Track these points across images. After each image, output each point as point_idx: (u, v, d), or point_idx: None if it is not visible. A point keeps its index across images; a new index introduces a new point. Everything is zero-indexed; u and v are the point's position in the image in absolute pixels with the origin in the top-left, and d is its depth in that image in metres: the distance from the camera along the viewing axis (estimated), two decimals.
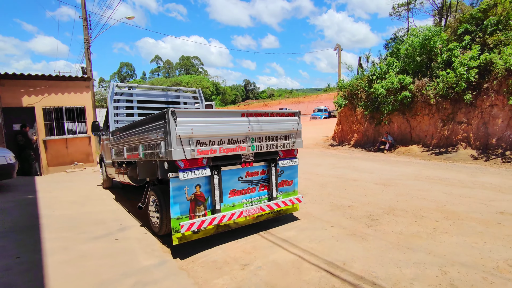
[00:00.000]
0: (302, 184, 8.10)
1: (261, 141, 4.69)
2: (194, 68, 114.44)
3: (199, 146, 4.05)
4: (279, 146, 4.92)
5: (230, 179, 4.55)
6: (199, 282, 3.36)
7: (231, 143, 4.35)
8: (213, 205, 4.33)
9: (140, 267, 3.75)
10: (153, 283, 3.35)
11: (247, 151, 4.52)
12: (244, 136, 4.48)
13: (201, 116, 4.08)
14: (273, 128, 4.78)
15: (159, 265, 3.83)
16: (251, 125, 4.53)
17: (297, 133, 5.12)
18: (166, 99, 7.60)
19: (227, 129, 4.27)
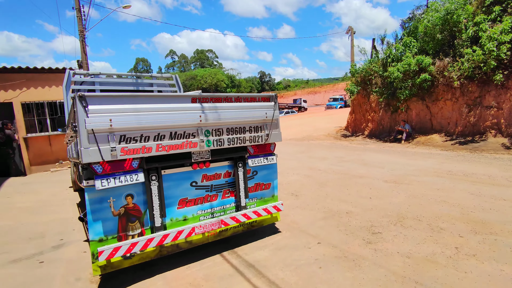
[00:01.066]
0: (298, 183, 6.94)
1: (220, 134, 3.58)
2: (209, 62, 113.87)
3: (125, 143, 2.99)
4: (248, 140, 3.79)
5: (178, 185, 3.47)
6: None
7: (175, 138, 3.26)
8: (153, 221, 3.28)
9: None
10: None
11: (200, 148, 3.43)
12: (195, 128, 3.38)
13: (127, 103, 3.01)
14: (238, 117, 3.65)
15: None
16: (204, 113, 3.42)
17: (272, 123, 3.96)
18: (136, 88, 6.61)
19: (168, 119, 3.18)
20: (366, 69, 15.59)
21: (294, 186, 6.73)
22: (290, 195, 6.08)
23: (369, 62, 15.88)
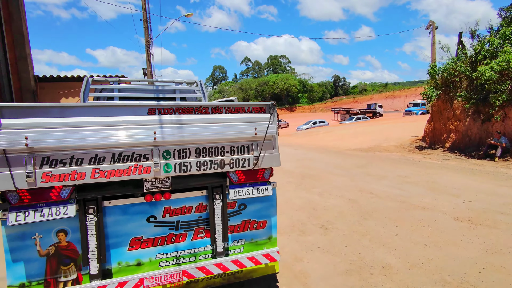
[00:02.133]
0: (336, 210, 5.63)
1: (186, 156, 2.70)
2: (281, 67, 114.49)
3: (48, 167, 2.34)
4: (229, 165, 2.83)
5: (129, 220, 2.70)
6: None
7: (119, 161, 2.50)
8: (88, 267, 2.56)
9: None
10: None
11: (155, 174, 2.60)
12: (149, 148, 2.57)
13: (53, 115, 2.36)
14: (213, 134, 2.73)
15: None
16: (162, 129, 2.58)
17: (265, 141, 2.92)
18: (157, 95, 6.17)
19: (108, 137, 2.44)
20: (449, 69, 12.95)
21: (329, 214, 5.45)
22: (319, 227, 4.86)
23: (452, 60, 13.17)
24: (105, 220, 2.61)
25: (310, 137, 24.51)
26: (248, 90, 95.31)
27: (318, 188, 7.40)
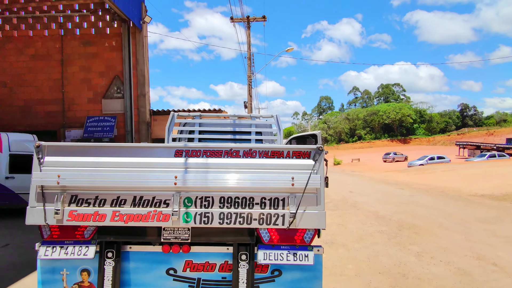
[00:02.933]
0: (437, 280, 4.29)
1: (209, 205, 2.37)
2: (394, 96, 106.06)
3: (75, 206, 2.37)
4: (257, 220, 2.35)
5: (147, 269, 2.49)
6: None
7: (139, 205, 2.36)
8: None
9: None
10: None
11: (173, 224, 2.35)
12: (169, 193, 2.36)
13: (84, 154, 2.41)
14: (241, 181, 2.34)
15: None
16: (186, 173, 2.35)
17: (304, 194, 2.34)
18: (233, 129, 6.19)
19: (129, 179, 2.34)
20: None
21: (424, 287, 4.17)
22: None
23: None
24: (123, 266, 2.46)
25: (423, 175, 21.13)
26: (355, 120, 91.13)
27: (417, 246, 5.96)
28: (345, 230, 7.29)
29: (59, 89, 10.53)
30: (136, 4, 10.28)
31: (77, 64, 10.60)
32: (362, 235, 6.85)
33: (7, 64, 10.51)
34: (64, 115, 10.60)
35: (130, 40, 10.48)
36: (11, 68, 10.52)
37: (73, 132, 10.54)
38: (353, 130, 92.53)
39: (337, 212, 9.44)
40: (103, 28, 10.57)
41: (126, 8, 9.60)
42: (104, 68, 10.63)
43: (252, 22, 17.87)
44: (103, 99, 10.64)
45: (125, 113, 10.54)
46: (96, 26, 10.58)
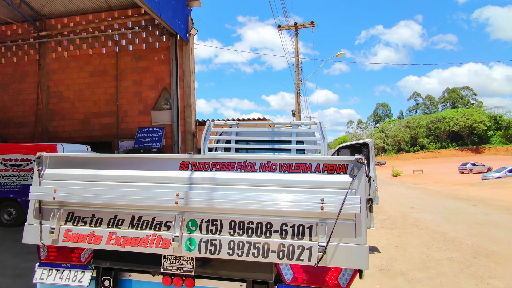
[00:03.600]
0: None
1: (216, 230, 1.91)
2: (463, 101, 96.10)
3: (71, 224, 2.10)
4: (277, 253, 1.83)
5: None
6: None
7: (137, 227, 2.00)
8: None
9: None
10: None
11: (175, 252, 1.93)
12: (172, 213, 1.97)
13: (86, 166, 2.14)
14: (252, 202, 1.85)
15: None
16: (191, 190, 1.94)
17: (337, 222, 1.76)
18: (271, 138, 5.70)
19: (126, 195, 2.00)
20: None
21: None
22: None
23: None
24: None
25: (502, 190, 18.23)
26: (417, 128, 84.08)
27: (498, 280, 4.79)
28: (404, 254, 6.27)
29: (114, 103, 11.16)
30: (183, 17, 10.52)
31: (130, 78, 11.15)
32: (426, 261, 5.79)
33: (70, 81, 11.48)
34: (118, 126, 11.17)
35: (177, 53, 10.73)
36: (74, 84, 11.46)
37: (125, 143, 11.03)
38: (414, 139, 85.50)
39: (395, 231, 8.32)
40: (153, 43, 11.00)
41: (174, 22, 9.84)
42: (154, 81, 11.01)
43: (300, 28, 17.41)
44: (153, 110, 11.00)
45: (172, 123, 10.73)
46: (147, 42, 11.05)
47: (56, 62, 11.62)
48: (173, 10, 9.77)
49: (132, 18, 10.86)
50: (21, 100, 11.83)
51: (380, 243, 7.06)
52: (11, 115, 11.93)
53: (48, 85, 11.65)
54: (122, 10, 11.00)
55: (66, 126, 11.54)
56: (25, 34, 11.49)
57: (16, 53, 11.82)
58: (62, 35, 11.37)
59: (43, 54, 11.59)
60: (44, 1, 10.75)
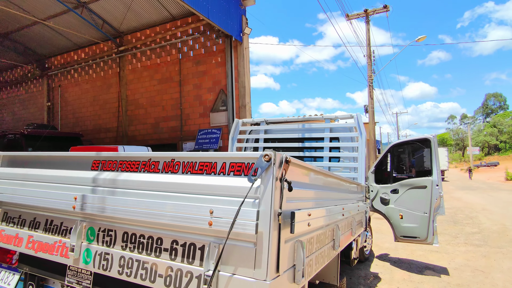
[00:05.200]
0: None
1: (110, 242, 1.59)
2: None
3: (5, 224, 2.05)
4: (164, 279, 1.40)
5: None
6: None
7: (49, 231, 1.83)
8: None
9: None
10: None
11: (74, 263, 1.68)
12: (75, 219, 1.73)
13: (26, 165, 2.08)
14: (143, 211, 1.47)
15: None
16: (92, 193, 1.67)
17: (226, 243, 1.23)
18: (302, 135, 5.07)
19: (35, 196, 1.85)
20: None
21: None
22: None
23: None
24: None
25: None
26: None
27: None
28: (483, 281, 4.86)
29: (178, 107, 11.86)
30: (236, 18, 10.52)
31: (191, 83, 11.69)
32: None
33: (143, 89, 12.68)
34: (182, 129, 11.82)
35: (232, 54, 10.79)
36: (146, 92, 12.62)
37: (188, 145, 11.61)
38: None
39: (482, 249, 6.62)
40: (211, 47, 11.31)
41: (226, 24, 9.92)
42: (212, 83, 11.30)
43: (372, 15, 15.75)
44: (211, 112, 11.29)
45: (228, 124, 10.82)
46: (205, 46, 11.42)
47: (132, 73, 12.99)
48: (224, 12, 9.84)
49: (192, 25, 11.36)
50: (107, 108, 13.60)
51: (454, 263, 5.67)
52: (100, 122, 13.82)
53: (127, 94, 13.10)
54: (183, 19, 11.62)
55: (141, 130, 12.77)
56: (109, 51, 13.17)
57: (103, 68, 13.66)
58: (136, 48, 12.64)
59: (122, 67, 13.09)
60: (120, 20, 12.12)
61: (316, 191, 1.71)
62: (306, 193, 1.55)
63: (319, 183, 1.76)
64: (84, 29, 12.35)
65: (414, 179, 5.26)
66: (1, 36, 13.74)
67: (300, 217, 1.36)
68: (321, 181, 1.82)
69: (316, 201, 1.69)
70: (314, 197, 1.67)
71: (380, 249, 6.48)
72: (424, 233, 5.03)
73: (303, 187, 1.50)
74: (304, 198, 1.52)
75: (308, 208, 1.49)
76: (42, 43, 14.21)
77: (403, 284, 4.66)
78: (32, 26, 12.73)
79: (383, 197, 5.53)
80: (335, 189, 2.15)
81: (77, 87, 14.62)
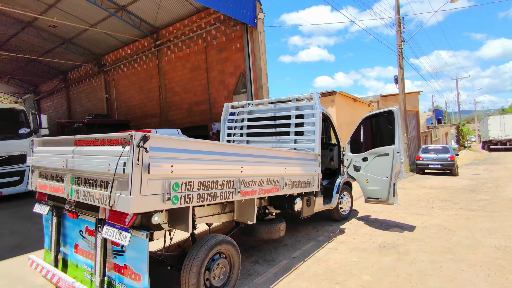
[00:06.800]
0: None
1: (80, 183, 2.94)
2: None
3: (41, 179, 3.57)
4: (98, 199, 2.70)
5: (72, 228, 3.34)
6: None
7: (56, 179, 3.27)
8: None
9: None
10: None
11: (67, 196, 3.09)
12: (62, 172, 3.15)
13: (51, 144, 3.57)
14: (87, 166, 2.79)
15: None
16: (74, 157, 3.02)
17: (115, 179, 2.45)
18: (274, 114, 5.99)
19: (50, 161, 3.31)
20: None
21: None
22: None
23: None
24: (62, 222, 3.46)
25: None
26: None
27: None
28: (442, 236, 5.43)
29: (206, 92, 13.28)
30: (250, 5, 11.30)
31: (216, 69, 12.95)
32: (458, 248, 4.96)
33: (178, 78, 14.36)
34: (211, 112, 13.28)
35: (248, 39, 11.68)
36: (180, 80, 14.28)
37: (216, 125, 13.04)
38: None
39: (473, 213, 6.91)
40: (230, 34, 12.32)
41: (237, 12, 10.78)
42: (233, 68, 12.41)
43: None
44: (233, 95, 12.47)
45: None
46: (226, 34, 12.47)
47: (168, 64, 14.71)
48: (235, 1, 10.71)
49: (213, 15, 12.44)
50: (151, 97, 15.68)
51: (428, 223, 6.19)
52: (146, 109, 16.02)
53: (165, 83, 14.94)
54: (205, 10, 12.74)
55: (178, 114, 14.59)
56: (148, 46, 15.02)
57: (145, 61, 15.64)
58: (169, 41, 14.24)
59: (160, 59, 14.89)
60: (154, 17, 13.73)
61: (189, 154, 2.80)
62: (174, 154, 2.67)
63: (189, 148, 2.83)
64: (126, 28, 14.27)
65: (379, 148, 5.87)
66: (66, 42, 16.49)
67: (159, 167, 2.50)
68: (192, 146, 2.89)
69: (190, 160, 2.79)
70: (186, 157, 2.77)
71: (366, 212, 7.16)
72: (385, 194, 5.70)
73: (169, 151, 2.62)
74: (172, 157, 2.64)
75: (174, 162, 2.62)
76: (96, 44, 16.67)
77: (361, 237, 5.46)
78: (86, 31, 15.07)
79: (355, 165, 6.25)
80: (215, 153, 3.18)
81: (126, 80, 16.98)
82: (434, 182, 11.83)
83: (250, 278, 3.94)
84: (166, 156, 2.61)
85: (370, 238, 5.37)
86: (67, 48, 16.86)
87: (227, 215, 3.95)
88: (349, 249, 4.89)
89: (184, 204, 2.80)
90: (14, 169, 8.51)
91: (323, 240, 5.31)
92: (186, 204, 2.82)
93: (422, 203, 8.08)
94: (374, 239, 5.31)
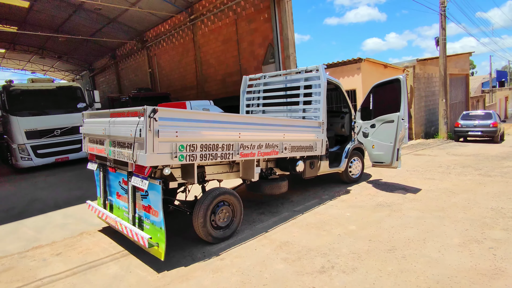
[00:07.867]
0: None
1: (115, 145, 3.93)
2: None
3: (90, 143, 4.67)
4: (127, 157, 3.66)
5: (114, 180, 4.41)
6: None
7: (100, 143, 4.32)
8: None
9: None
10: None
11: (108, 155, 4.13)
12: (103, 138, 4.17)
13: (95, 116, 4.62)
14: (118, 132, 3.75)
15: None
16: (109, 126, 4.01)
17: (136, 142, 3.37)
18: (285, 85, 6.49)
19: (95, 129, 4.35)
20: None
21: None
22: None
23: None
24: (107, 176, 4.57)
25: None
26: None
27: None
28: (443, 199, 5.77)
29: (237, 63, 13.88)
30: None
31: (246, 41, 13.39)
32: (452, 208, 5.30)
33: (212, 50, 15.08)
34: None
35: (275, 9, 11.86)
36: (214, 52, 15.00)
37: None
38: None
39: (489, 179, 6.98)
40: (258, 5, 12.54)
41: None
42: (261, 39, 12.75)
43: None
44: (263, 65, 12.92)
45: None
46: (254, 5, 12.72)
47: (202, 38, 15.44)
48: None
49: None
50: (188, 70, 16.71)
51: (435, 187, 6.46)
52: (185, 82, 17.16)
53: (200, 56, 15.79)
54: None
55: (213, 85, 15.50)
56: (184, 20, 15.80)
57: (182, 36, 16.54)
58: (203, 14, 14.86)
59: (195, 33, 15.65)
60: None
61: (190, 122, 3.58)
62: (178, 123, 3.47)
63: (190, 118, 3.60)
64: (163, 5, 15.12)
65: (386, 115, 6.17)
66: (112, 21, 17.91)
67: (166, 132, 3.34)
68: (193, 116, 3.66)
69: (191, 127, 3.58)
70: (188, 125, 3.56)
71: (379, 176, 7.55)
72: (389, 159, 6.09)
73: (174, 120, 3.42)
74: (176, 125, 3.44)
75: (178, 128, 3.44)
76: (139, 21, 17.85)
77: (363, 197, 5.99)
78: (128, 11, 16.21)
79: (364, 131, 6.63)
80: (213, 121, 3.91)
81: (166, 54, 18.15)
82: (467, 150, 11.49)
83: (254, 224, 4.81)
84: (172, 124, 3.43)
85: (371, 198, 5.88)
86: (113, 27, 18.33)
87: (234, 174, 4.77)
88: (347, 206, 5.50)
89: (189, 161, 3.65)
90: (76, 138, 10.19)
91: (327, 198, 5.96)
92: (191, 162, 3.68)
93: (440, 169, 8.18)
94: (374, 199, 5.82)
